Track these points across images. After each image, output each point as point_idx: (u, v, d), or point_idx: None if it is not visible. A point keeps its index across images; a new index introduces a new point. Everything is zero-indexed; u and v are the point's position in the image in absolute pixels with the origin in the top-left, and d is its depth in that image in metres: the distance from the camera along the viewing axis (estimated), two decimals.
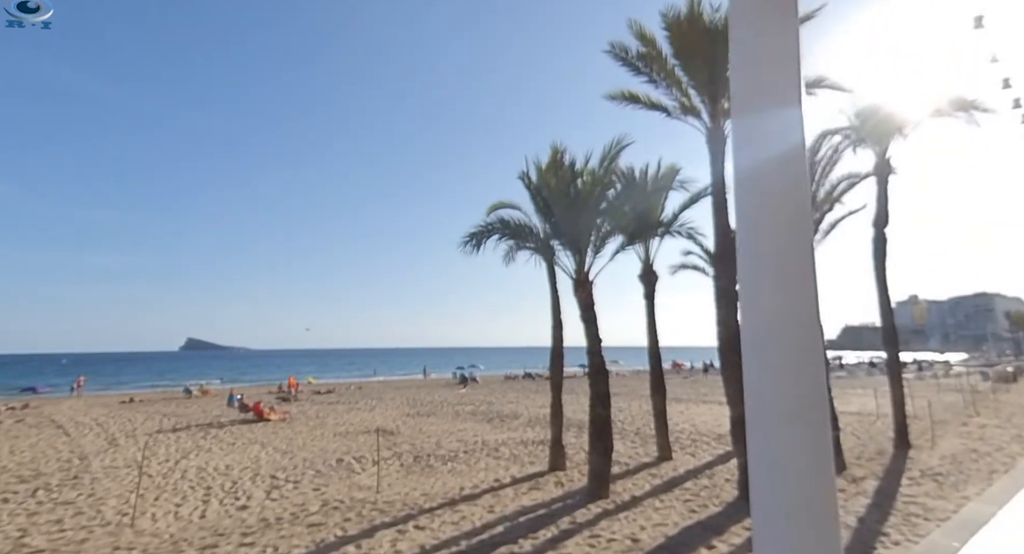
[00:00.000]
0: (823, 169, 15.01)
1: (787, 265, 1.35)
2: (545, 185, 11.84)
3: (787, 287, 1.34)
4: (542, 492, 10.96)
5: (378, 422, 21.40)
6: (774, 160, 1.37)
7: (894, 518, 8.94)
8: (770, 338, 1.34)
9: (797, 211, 1.37)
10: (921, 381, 38.75)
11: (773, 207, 1.37)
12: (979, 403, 23.31)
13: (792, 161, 1.39)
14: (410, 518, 9.31)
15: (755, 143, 1.41)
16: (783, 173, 1.38)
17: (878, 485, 11.02)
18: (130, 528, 8.81)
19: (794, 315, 1.31)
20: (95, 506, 10.10)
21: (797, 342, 1.30)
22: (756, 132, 1.41)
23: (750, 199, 1.44)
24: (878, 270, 15.48)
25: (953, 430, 17.06)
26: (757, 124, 1.41)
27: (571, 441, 15.67)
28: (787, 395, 1.29)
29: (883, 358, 16.87)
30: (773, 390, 1.30)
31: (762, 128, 1.40)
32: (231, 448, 16.01)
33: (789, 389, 1.28)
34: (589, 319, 11.39)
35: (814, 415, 1.26)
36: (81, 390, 42.65)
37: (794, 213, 1.36)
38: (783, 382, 1.29)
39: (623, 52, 11.12)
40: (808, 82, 11.52)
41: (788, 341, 1.31)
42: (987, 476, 11.39)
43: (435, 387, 42.13)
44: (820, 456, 1.24)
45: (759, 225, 1.40)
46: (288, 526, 8.95)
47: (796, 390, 1.28)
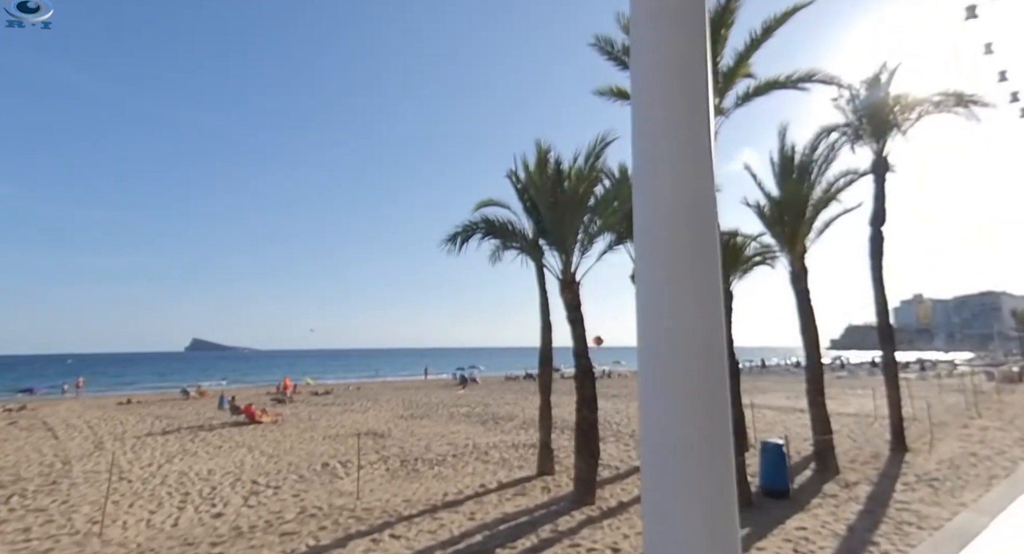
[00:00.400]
0: (819, 167, 14.70)
1: (689, 275, 1.16)
2: (532, 184, 11.58)
3: (687, 300, 1.14)
4: (527, 498, 10.70)
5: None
6: (677, 160, 1.19)
7: (885, 526, 8.66)
8: (668, 356, 1.13)
9: (702, 217, 1.18)
10: (924, 381, 38.31)
11: (676, 213, 1.18)
12: (982, 404, 22.91)
13: (696, 159, 1.20)
14: (387, 526, 9.06)
15: (656, 143, 1.21)
16: (687, 173, 1.19)
17: (871, 490, 10.73)
18: (98, 537, 8.59)
19: (695, 331, 1.12)
20: (67, 513, 9.88)
21: (698, 364, 1.11)
22: (658, 131, 1.21)
23: (649, 201, 1.21)
24: (874, 269, 15.16)
25: (953, 432, 16.72)
26: (659, 122, 1.21)
27: (564, 444, 15.37)
28: (684, 419, 1.10)
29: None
30: (668, 410, 1.11)
31: (665, 127, 1.20)
32: (217, 452, 15.79)
33: (686, 412, 1.10)
34: (575, 320, 11.12)
35: (715, 445, 1.07)
36: (81, 391, 42.62)
37: (699, 220, 1.18)
38: (680, 403, 1.10)
39: (608, 45, 10.85)
40: (799, 76, 11.23)
41: (688, 361, 1.11)
42: (986, 481, 11.08)
43: (434, 388, 41.89)
44: (720, 494, 1.06)
45: (658, 227, 1.20)
46: (261, 535, 8.72)
47: (695, 413, 1.09)
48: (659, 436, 1.11)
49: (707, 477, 1.07)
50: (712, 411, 1.09)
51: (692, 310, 1.11)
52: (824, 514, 9.36)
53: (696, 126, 1.20)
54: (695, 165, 1.19)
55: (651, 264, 1.20)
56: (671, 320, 1.12)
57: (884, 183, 15.40)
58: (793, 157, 14.78)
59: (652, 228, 1.22)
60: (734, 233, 16.25)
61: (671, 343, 1.12)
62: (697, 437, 1.08)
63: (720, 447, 1.07)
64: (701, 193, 1.19)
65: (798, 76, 11.22)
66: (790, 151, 14.85)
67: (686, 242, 1.18)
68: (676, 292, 1.13)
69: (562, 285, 11.25)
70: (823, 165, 14.69)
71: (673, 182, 1.22)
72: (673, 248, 1.20)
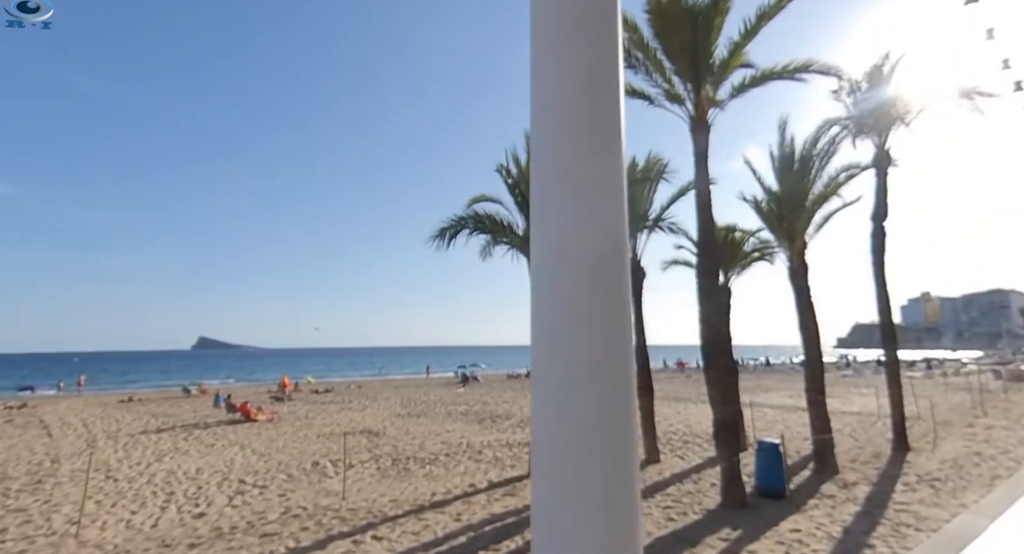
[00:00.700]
0: (820, 161, 14.38)
1: (597, 270, 1.04)
2: (523, 178, 11.34)
3: (586, 296, 1.03)
4: (516, 498, 10.49)
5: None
6: (584, 146, 1.06)
7: (882, 528, 8.39)
8: (563, 353, 1.02)
9: (610, 200, 1.05)
10: (930, 380, 37.84)
11: (583, 205, 1.05)
12: (988, 403, 22.52)
13: (606, 143, 1.06)
14: (370, 527, 8.86)
15: (555, 123, 1.07)
16: (592, 151, 1.06)
17: (870, 491, 10.45)
18: (74, 538, 8.42)
19: (594, 325, 1.01)
20: (47, 514, 9.73)
21: (597, 360, 1.01)
22: (559, 124, 1.07)
23: (549, 191, 1.07)
24: (876, 265, 14.84)
25: (957, 431, 16.38)
26: (560, 116, 1.07)
27: None
28: (579, 422, 0.99)
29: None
30: (564, 401, 1.00)
31: (568, 122, 1.07)
32: (209, 450, 15.64)
33: (585, 403, 0.99)
34: None
35: (615, 450, 0.97)
36: (83, 389, 42.73)
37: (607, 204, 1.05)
38: (577, 393, 1.00)
39: None
40: (795, 67, 10.93)
41: (584, 359, 1.01)
42: (988, 482, 10.78)
43: (435, 386, 41.73)
44: (619, 503, 0.96)
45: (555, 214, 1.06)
46: (241, 536, 8.53)
47: (592, 414, 0.99)
48: (550, 439, 0.99)
49: (604, 484, 0.95)
50: (613, 412, 0.98)
51: (590, 305, 1.00)
52: (820, 515, 9.10)
53: (603, 106, 1.06)
54: (601, 145, 1.04)
55: (546, 256, 1.04)
56: (567, 318, 1.01)
57: (886, 177, 15.08)
58: (793, 151, 14.48)
59: (547, 214, 1.05)
60: (732, 228, 16.01)
61: (567, 339, 1.00)
62: (593, 441, 0.97)
63: (621, 450, 0.96)
64: (607, 175, 1.04)
65: (794, 66, 10.92)
66: (790, 145, 14.55)
67: (588, 227, 1.03)
68: (575, 286, 1.01)
69: None
70: (824, 159, 14.38)
71: (573, 160, 1.05)
72: (575, 239, 1.04)
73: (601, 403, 0.99)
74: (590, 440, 0.98)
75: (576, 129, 1.04)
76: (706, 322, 10.30)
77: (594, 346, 1.00)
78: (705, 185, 10.64)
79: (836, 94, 15.70)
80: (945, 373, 42.45)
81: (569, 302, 1.00)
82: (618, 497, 0.97)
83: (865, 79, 15.39)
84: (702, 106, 10.74)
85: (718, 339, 10.45)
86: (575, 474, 0.96)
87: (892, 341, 14.70)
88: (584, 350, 1.00)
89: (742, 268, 16.53)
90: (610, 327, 1.00)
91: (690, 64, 10.44)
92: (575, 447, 0.98)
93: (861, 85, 15.41)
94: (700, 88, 10.68)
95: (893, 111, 14.92)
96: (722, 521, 8.88)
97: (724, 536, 8.22)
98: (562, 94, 1.05)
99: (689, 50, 10.30)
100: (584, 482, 0.96)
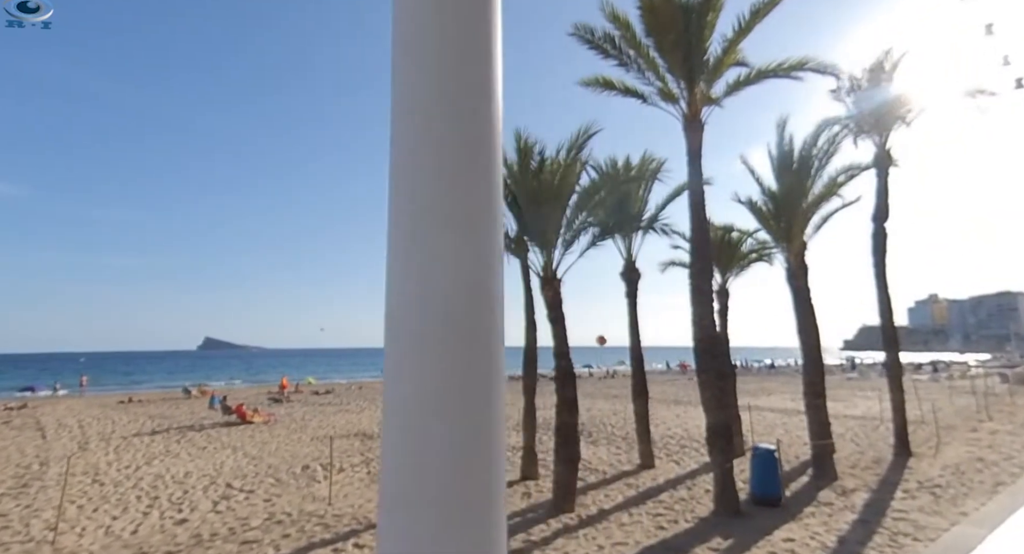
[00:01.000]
0: (819, 160, 14.11)
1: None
2: (511, 176, 11.14)
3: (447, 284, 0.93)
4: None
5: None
6: (449, 165, 0.96)
7: (879, 537, 8.14)
8: (417, 355, 0.92)
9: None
10: (936, 383, 37.38)
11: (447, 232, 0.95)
12: (993, 407, 22.13)
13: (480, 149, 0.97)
14: (353, 534, 8.67)
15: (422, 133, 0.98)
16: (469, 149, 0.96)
17: (869, 498, 10.19)
18: (50, 545, 8.27)
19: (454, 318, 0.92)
20: (27, 519, 9.57)
21: (459, 362, 0.92)
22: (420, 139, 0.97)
23: (407, 216, 0.97)
24: (877, 266, 14.58)
25: (961, 436, 16.06)
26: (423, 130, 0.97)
27: (552, 447, 14.93)
28: (438, 431, 0.90)
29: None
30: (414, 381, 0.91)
31: (432, 138, 0.96)
32: (200, 453, 15.50)
33: (443, 421, 0.90)
34: (556, 319, 10.68)
35: (476, 463, 0.89)
36: (85, 389, 42.84)
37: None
38: (433, 410, 0.91)
39: (588, 33, 10.38)
40: (791, 64, 10.70)
41: (443, 360, 0.91)
42: (991, 489, 10.50)
43: None
44: (480, 521, 0.87)
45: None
46: (220, 543, 8.35)
47: (453, 423, 0.90)
48: (401, 448, 0.91)
49: (462, 501, 0.87)
50: (477, 419, 0.90)
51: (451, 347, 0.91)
52: (815, 524, 8.85)
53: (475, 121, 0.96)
54: (468, 162, 0.95)
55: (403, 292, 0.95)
56: (421, 367, 0.91)
57: (887, 177, 14.82)
58: (792, 151, 14.22)
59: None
60: (729, 228, 15.76)
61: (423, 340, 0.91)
62: (453, 452, 0.89)
63: (482, 464, 0.87)
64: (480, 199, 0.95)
65: (789, 64, 10.69)
66: (789, 144, 14.29)
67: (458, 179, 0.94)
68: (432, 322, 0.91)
69: (542, 282, 10.80)
70: (823, 159, 14.11)
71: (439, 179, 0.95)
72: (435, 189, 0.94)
73: (464, 408, 0.90)
74: (448, 449, 0.88)
75: (443, 144, 0.93)
76: (699, 323, 10.07)
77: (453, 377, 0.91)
78: (698, 184, 10.42)
79: (836, 93, 15.46)
80: (951, 376, 41.95)
81: (425, 342, 0.90)
82: (477, 512, 0.87)
83: (865, 77, 15.12)
84: (695, 104, 10.52)
85: (711, 341, 10.22)
86: (427, 492, 0.87)
87: (894, 343, 14.43)
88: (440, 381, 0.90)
89: (741, 269, 16.27)
90: (473, 361, 0.91)
91: (683, 61, 10.22)
92: (429, 458, 0.89)
93: (861, 83, 15.15)
94: (694, 86, 10.46)
95: (894, 110, 14.66)
96: (713, 530, 8.64)
97: (714, 546, 7.98)
98: (425, 103, 0.95)
99: (682, 47, 10.08)
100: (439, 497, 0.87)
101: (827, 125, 14.58)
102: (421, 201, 0.92)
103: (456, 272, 0.92)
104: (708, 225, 10.51)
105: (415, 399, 0.96)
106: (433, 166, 0.93)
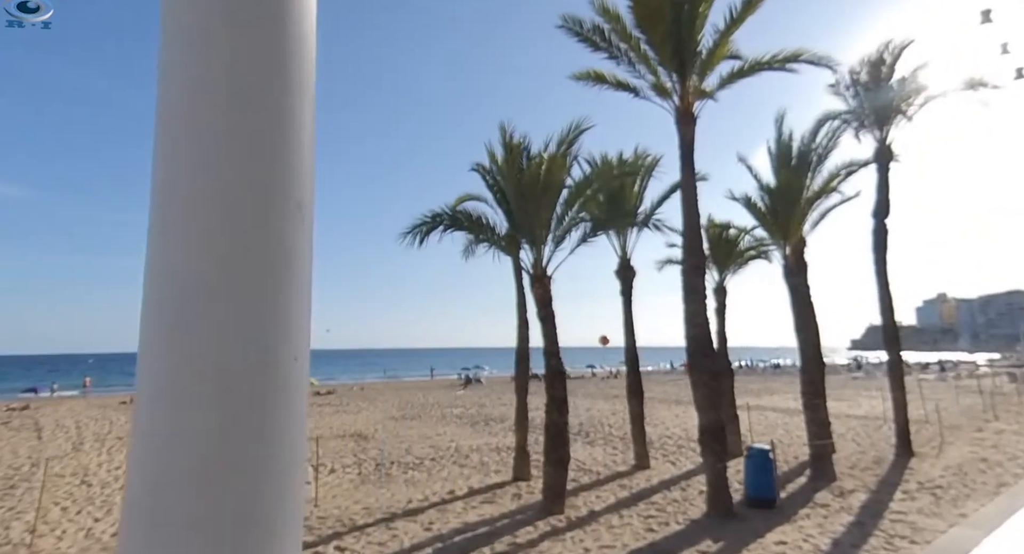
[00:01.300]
0: (819, 155, 13.86)
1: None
2: (499, 172, 10.96)
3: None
4: (494, 506, 10.08)
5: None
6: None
7: (875, 540, 7.89)
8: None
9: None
10: (943, 382, 36.90)
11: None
12: (1000, 406, 21.76)
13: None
14: (336, 537, 8.50)
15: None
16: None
17: (867, 499, 9.93)
18: (27, 548, 8.14)
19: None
20: (8, 522, 9.44)
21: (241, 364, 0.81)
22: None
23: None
24: (878, 263, 14.30)
25: (965, 436, 15.74)
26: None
27: None
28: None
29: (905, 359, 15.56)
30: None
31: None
32: None
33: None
34: (546, 317, 10.47)
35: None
36: (88, 390, 42.95)
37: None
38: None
39: (576, 25, 10.18)
40: (785, 56, 10.46)
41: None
42: (993, 490, 10.22)
43: (437, 388, 41.40)
44: None
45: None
46: None
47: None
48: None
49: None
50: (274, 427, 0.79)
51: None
52: (810, 525, 8.61)
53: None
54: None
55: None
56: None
57: (888, 172, 14.54)
58: (791, 145, 13.98)
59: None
60: (726, 225, 15.52)
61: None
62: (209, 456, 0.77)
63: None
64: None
65: (784, 56, 10.44)
66: (787, 139, 14.05)
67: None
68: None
69: (532, 279, 10.59)
70: (823, 154, 13.86)
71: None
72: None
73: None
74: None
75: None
76: (691, 322, 9.85)
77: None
78: (691, 178, 10.20)
79: (835, 87, 15.19)
80: (958, 375, 41.43)
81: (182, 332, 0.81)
82: None
83: (865, 71, 14.84)
84: (687, 97, 10.30)
85: (704, 339, 9.99)
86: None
87: (895, 342, 14.14)
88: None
89: (738, 267, 16.02)
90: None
91: (674, 54, 10.00)
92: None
93: (861, 77, 14.87)
94: (686, 79, 10.25)
95: (894, 104, 14.38)
96: (705, 532, 8.42)
97: (704, 548, 7.76)
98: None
99: (673, 39, 9.86)
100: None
101: (826, 119, 14.34)
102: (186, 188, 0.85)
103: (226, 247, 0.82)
104: (699, 220, 10.28)
105: (169, 394, 0.82)
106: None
